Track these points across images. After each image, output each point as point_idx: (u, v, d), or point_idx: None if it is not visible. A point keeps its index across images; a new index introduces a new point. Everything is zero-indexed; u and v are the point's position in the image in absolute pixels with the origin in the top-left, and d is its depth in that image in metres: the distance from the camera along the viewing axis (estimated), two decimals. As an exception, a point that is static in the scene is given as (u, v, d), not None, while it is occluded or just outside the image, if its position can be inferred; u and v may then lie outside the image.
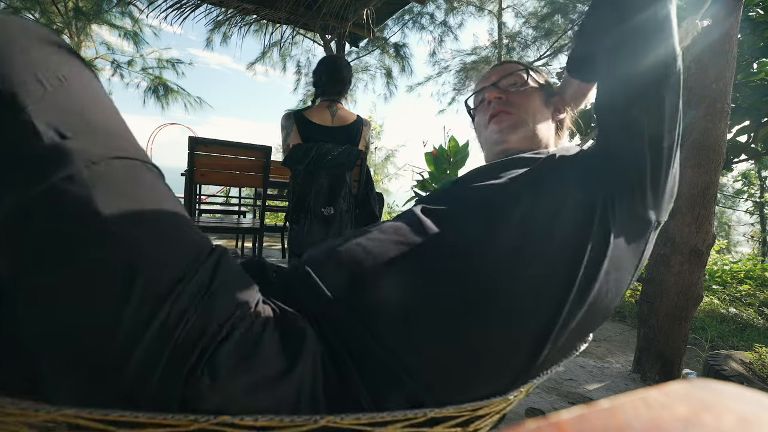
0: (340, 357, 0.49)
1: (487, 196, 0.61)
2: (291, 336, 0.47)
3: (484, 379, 0.54)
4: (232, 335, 0.43)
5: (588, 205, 0.57)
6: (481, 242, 0.55)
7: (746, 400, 0.12)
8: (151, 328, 0.39)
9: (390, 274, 0.53)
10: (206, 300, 0.43)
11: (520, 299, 0.53)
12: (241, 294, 0.47)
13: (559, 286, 0.54)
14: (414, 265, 0.54)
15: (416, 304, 0.51)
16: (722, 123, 1.75)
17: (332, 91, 1.97)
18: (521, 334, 0.54)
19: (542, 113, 0.78)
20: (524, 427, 0.13)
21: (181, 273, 0.42)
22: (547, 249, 0.54)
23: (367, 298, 0.52)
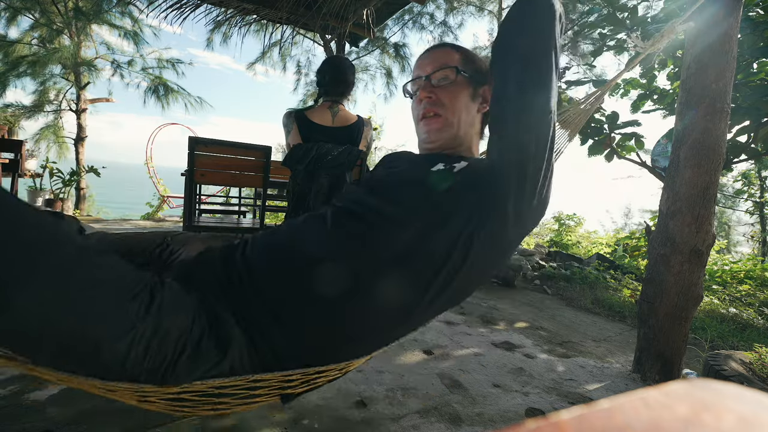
0: (256, 341, 0.68)
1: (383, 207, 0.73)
2: (221, 337, 0.65)
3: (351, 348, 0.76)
4: (183, 354, 0.61)
5: (462, 220, 0.69)
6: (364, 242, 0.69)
7: (746, 400, 0.12)
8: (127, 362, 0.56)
9: (295, 267, 0.69)
10: (158, 341, 0.58)
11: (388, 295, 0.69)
12: (182, 323, 0.62)
13: (418, 294, 0.69)
14: (309, 265, 0.68)
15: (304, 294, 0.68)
16: (722, 123, 1.75)
17: (335, 92, 1.96)
18: (380, 326, 0.74)
19: (469, 109, 0.86)
20: (524, 427, 0.13)
21: (129, 338, 0.55)
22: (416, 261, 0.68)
23: (278, 285, 0.69)
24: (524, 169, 0.68)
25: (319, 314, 0.68)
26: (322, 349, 0.73)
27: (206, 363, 0.64)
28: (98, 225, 5.22)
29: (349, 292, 0.67)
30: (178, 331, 0.61)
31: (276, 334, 0.68)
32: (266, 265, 0.71)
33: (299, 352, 0.71)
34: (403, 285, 0.68)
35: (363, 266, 0.68)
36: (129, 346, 0.55)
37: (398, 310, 0.71)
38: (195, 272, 0.73)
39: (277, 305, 0.68)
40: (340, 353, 0.75)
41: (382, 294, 0.68)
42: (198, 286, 0.69)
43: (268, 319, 0.68)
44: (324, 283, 0.67)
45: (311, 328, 0.69)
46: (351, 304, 0.68)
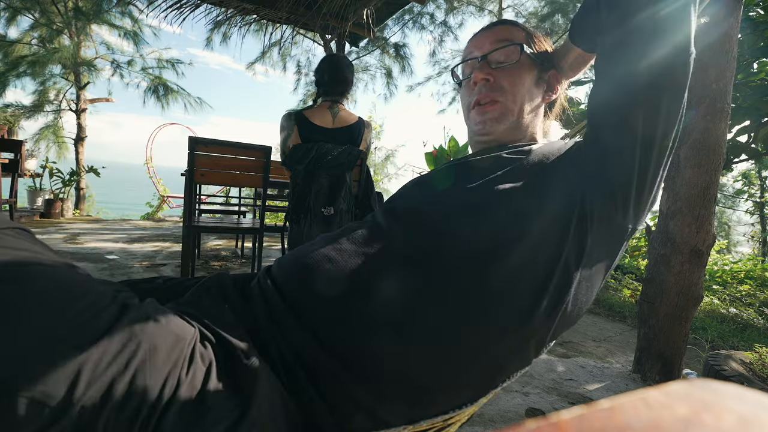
0: (297, 384, 0.46)
1: (465, 201, 0.59)
2: (239, 377, 0.42)
3: (446, 390, 0.53)
4: (173, 403, 0.37)
5: (566, 212, 0.55)
6: (455, 250, 0.53)
7: (746, 400, 0.12)
8: (63, 423, 0.32)
9: (355, 290, 0.51)
10: (128, 377, 0.35)
11: (489, 312, 0.52)
12: (171, 348, 0.39)
13: (531, 298, 0.53)
14: (380, 278, 0.52)
15: (380, 319, 0.49)
16: (722, 123, 1.75)
17: (334, 91, 1.96)
18: (487, 349, 0.53)
19: (532, 96, 0.71)
20: (524, 427, 0.13)
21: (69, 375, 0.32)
22: (522, 260, 0.52)
23: (331, 313, 0.50)
24: (652, 136, 0.53)
25: (392, 343, 0.49)
26: (402, 396, 0.51)
27: (215, 419, 0.39)
28: (98, 225, 5.22)
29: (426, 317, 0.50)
30: (165, 363, 0.38)
31: (331, 373, 0.47)
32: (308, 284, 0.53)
33: (368, 400, 0.48)
34: (501, 300, 0.52)
35: (442, 279, 0.52)
36: (71, 388, 0.32)
37: (500, 334, 0.53)
38: (193, 303, 0.54)
39: (331, 333, 0.49)
40: (441, 396, 0.54)
41: (474, 314, 0.51)
42: (199, 317, 0.49)
43: (318, 353, 0.48)
44: (395, 306, 0.50)
45: (384, 364, 0.49)
46: (435, 323, 0.50)
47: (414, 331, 0.49)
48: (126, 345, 0.36)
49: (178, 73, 8.20)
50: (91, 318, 0.36)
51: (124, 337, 0.37)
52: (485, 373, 0.56)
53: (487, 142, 0.72)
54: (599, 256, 0.58)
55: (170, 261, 3.35)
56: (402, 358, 0.49)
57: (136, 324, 0.38)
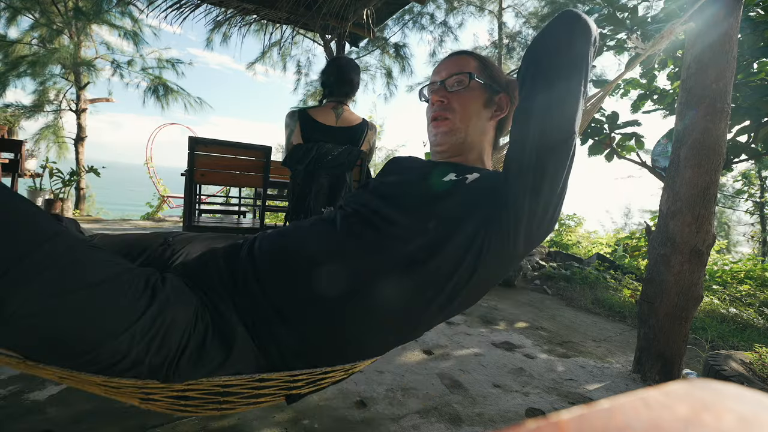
0: (260, 336, 0.68)
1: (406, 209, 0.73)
2: (226, 335, 0.66)
3: (355, 350, 0.77)
4: (186, 351, 0.61)
5: (469, 237, 0.69)
6: (372, 250, 0.69)
7: (746, 400, 0.12)
8: (128, 359, 0.57)
9: (300, 268, 0.69)
10: (160, 338, 0.58)
11: (397, 302, 0.69)
12: (184, 319, 0.62)
13: (421, 302, 0.70)
14: (316, 266, 0.69)
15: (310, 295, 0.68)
16: (722, 123, 1.75)
17: (339, 92, 1.96)
18: (382, 330, 0.73)
19: (480, 116, 0.86)
20: (524, 427, 0.13)
21: (129, 336, 0.55)
22: (433, 266, 0.68)
23: (288, 288, 0.69)
24: (539, 191, 0.65)
25: (322, 314, 0.68)
26: (327, 350, 0.73)
27: (210, 361, 0.64)
28: (98, 225, 5.22)
29: (351, 293, 0.67)
30: (181, 329, 0.60)
31: (281, 333, 0.68)
32: (272, 265, 0.71)
33: (305, 351, 0.71)
34: (406, 292, 0.69)
35: (366, 269, 0.68)
36: (130, 344, 0.55)
37: (400, 315, 0.71)
38: (198, 271, 0.73)
39: (283, 304, 0.68)
40: (344, 354, 0.76)
41: (383, 298, 0.68)
42: (201, 284, 0.69)
43: (273, 318, 0.68)
44: (327, 283, 0.67)
45: (315, 327, 0.69)
46: (352, 305, 0.68)
47: (351, 295, 0.68)
48: (157, 319, 0.58)
49: (178, 73, 8.21)
50: (135, 302, 0.57)
51: (156, 314, 0.58)
52: (390, 338, 0.77)
53: (441, 152, 0.88)
54: (489, 272, 0.72)
55: (170, 261, 3.35)
56: (329, 329, 0.69)
57: (163, 306, 0.59)
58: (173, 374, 0.61)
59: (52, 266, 0.50)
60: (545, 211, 0.67)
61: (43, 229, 0.51)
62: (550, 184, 0.65)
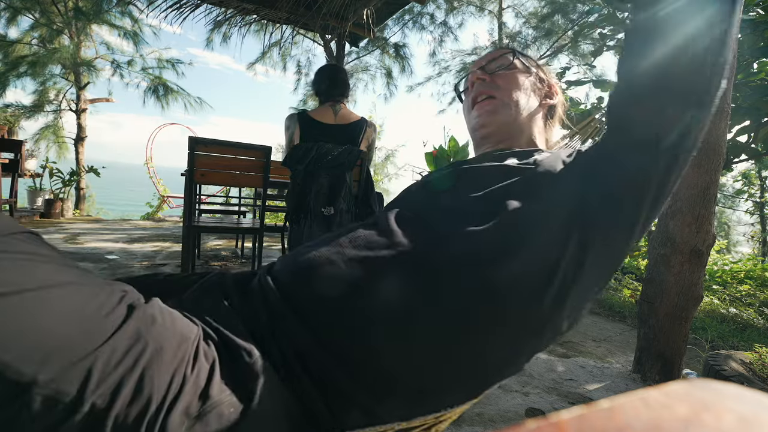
0: (297, 381, 0.47)
1: (466, 209, 0.58)
2: (241, 374, 0.44)
3: (441, 390, 0.54)
4: (179, 402, 0.38)
5: (568, 223, 0.53)
6: (455, 253, 0.53)
7: (746, 400, 0.12)
8: (75, 417, 0.33)
9: (354, 291, 0.51)
10: (135, 378, 0.36)
11: (487, 318, 0.52)
12: (177, 350, 0.41)
13: (526, 305, 0.52)
14: (381, 280, 0.51)
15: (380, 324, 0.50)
16: (722, 123, 1.75)
17: (335, 93, 2.00)
18: (483, 354, 0.53)
19: (528, 96, 0.74)
20: (524, 427, 0.13)
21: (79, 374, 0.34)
22: (520, 268, 0.51)
23: (330, 313, 0.50)
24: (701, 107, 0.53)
25: (388, 339, 0.49)
26: (397, 392, 0.51)
27: (220, 416, 0.40)
28: (98, 225, 5.22)
29: (430, 313, 0.50)
30: (172, 365, 0.39)
31: (328, 370, 0.47)
32: (309, 281, 0.53)
33: (364, 396, 0.49)
34: (499, 306, 0.52)
35: (441, 281, 0.51)
36: (83, 383, 0.33)
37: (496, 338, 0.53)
38: (194, 303, 0.54)
39: (327, 329, 0.50)
40: (423, 399, 0.54)
41: (473, 318, 0.51)
42: (201, 316, 0.50)
43: (314, 349, 0.48)
44: (393, 301, 0.50)
45: (380, 360, 0.49)
46: (428, 325, 0.50)
47: (411, 331, 0.50)
48: (133, 345, 0.37)
49: (178, 73, 8.21)
50: (101, 320, 0.37)
51: (132, 337, 0.38)
52: (480, 373, 0.56)
53: (486, 136, 0.74)
54: (599, 266, 0.56)
55: (170, 261, 3.35)
56: (398, 357, 0.50)
57: (143, 325, 0.40)
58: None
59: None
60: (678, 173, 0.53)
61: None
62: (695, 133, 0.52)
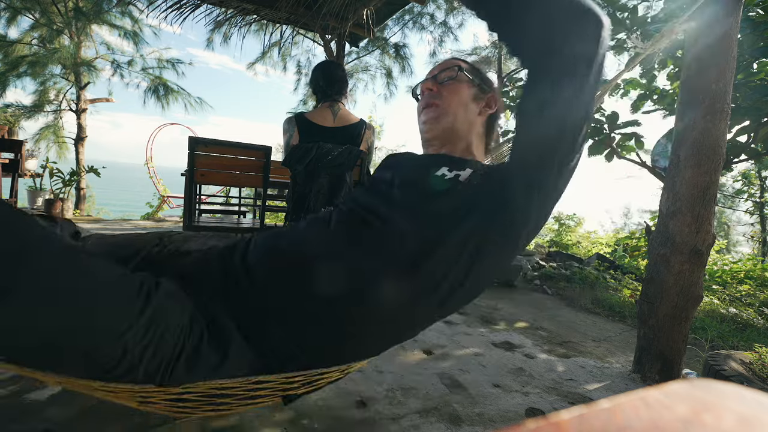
0: (255, 338, 0.68)
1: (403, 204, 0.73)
2: (221, 338, 0.66)
3: (351, 350, 0.77)
4: (181, 356, 0.61)
5: (466, 234, 0.67)
6: (368, 249, 0.68)
7: (746, 400, 0.12)
8: (123, 365, 0.56)
9: (296, 269, 0.69)
10: (155, 344, 0.57)
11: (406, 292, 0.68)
12: (179, 324, 0.61)
13: (432, 287, 0.68)
14: (312, 267, 0.68)
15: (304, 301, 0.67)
16: (722, 123, 1.75)
17: (332, 91, 1.98)
18: (380, 329, 0.73)
19: (468, 107, 0.86)
20: (524, 427, 0.13)
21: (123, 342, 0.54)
22: (437, 258, 0.66)
23: (285, 292, 0.68)
24: (557, 181, 0.65)
25: (319, 315, 0.68)
26: (322, 350, 0.73)
27: (206, 365, 0.64)
28: (98, 225, 5.22)
29: (347, 293, 0.67)
30: (175, 334, 0.60)
31: (277, 336, 0.68)
32: (267, 267, 0.70)
33: (300, 353, 0.71)
34: (402, 291, 0.68)
35: (362, 269, 0.67)
36: (124, 350, 0.55)
37: (396, 315, 0.71)
38: (191, 274, 0.73)
39: (278, 306, 0.68)
40: (341, 355, 0.76)
41: (379, 298, 0.67)
42: (195, 288, 0.69)
43: (268, 320, 0.68)
44: (324, 283, 0.66)
45: (311, 328, 0.69)
46: (348, 305, 0.67)
47: (347, 296, 0.67)
48: (151, 324, 0.57)
49: (178, 73, 8.22)
50: (129, 307, 0.56)
51: (151, 319, 0.57)
52: (387, 339, 0.78)
53: (429, 140, 0.88)
54: (487, 269, 0.72)
55: (170, 261, 3.35)
56: (322, 327, 0.69)
57: (157, 311, 0.59)
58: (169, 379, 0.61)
59: (43, 274, 0.49)
60: (554, 202, 0.68)
61: (32, 237, 0.51)
62: (568, 174, 0.65)
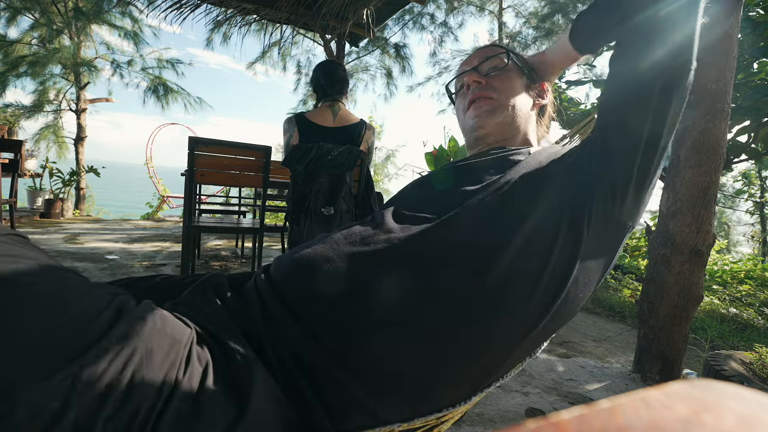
0: (295, 388, 0.46)
1: (465, 203, 0.59)
2: (236, 377, 0.43)
3: (443, 388, 0.54)
4: (170, 406, 0.37)
5: (560, 214, 0.56)
6: (452, 250, 0.54)
7: (746, 400, 0.12)
8: (62, 424, 0.32)
9: (353, 290, 0.51)
10: (126, 385, 0.35)
11: (486, 311, 0.52)
12: (168, 353, 0.40)
13: (525, 297, 0.53)
14: (378, 277, 0.52)
15: (378, 317, 0.50)
16: (722, 123, 1.75)
17: (333, 90, 1.99)
18: (484, 347, 0.54)
19: (523, 98, 0.76)
20: (524, 427, 0.13)
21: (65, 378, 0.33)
22: (517, 260, 0.53)
23: (329, 313, 0.50)
24: (660, 133, 0.55)
25: (390, 342, 0.49)
26: (398, 395, 0.51)
27: (212, 421, 0.39)
28: (98, 225, 5.22)
29: (417, 312, 0.50)
30: (163, 368, 0.38)
31: (327, 373, 0.47)
32: (304, 284, 0.53)
33: (365, 399, 0.49)
34: (484, 309, 0.52)
35: (435, 279, 0.52)
36: (68, 389, 0.32)
37: (486, 337, 0.53)
38: (189, 305, 0.53)
39: (328, 334, 0.49)
40: (437, 394, 0.54)
41: (459, 317, 0.51)
42: (195, 320, 0.49)
43: (316, 355, 0.48)
44: (388, 301, 0.50)
45: (380, 361, 0.49)
46: (421, 325, 0.50)
47: (412, 330, 0.50)
48: (122, 349, 0.37)
49: (178, 73, 8.21)
50: (86, 324, 0.36)
51: (120, 341, 0.37)
52: (481, 371, 0.56)
53: (483, 137, 0.76)
54: (596, 254, 0.59)
55: (170, 261, 3.35)
56: (400, 357, 0.50)
57: (132, 328, 0.39)
58: None
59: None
60: (660, 160, 0.57)
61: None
62: (672, 123, 0.55)
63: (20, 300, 0.35)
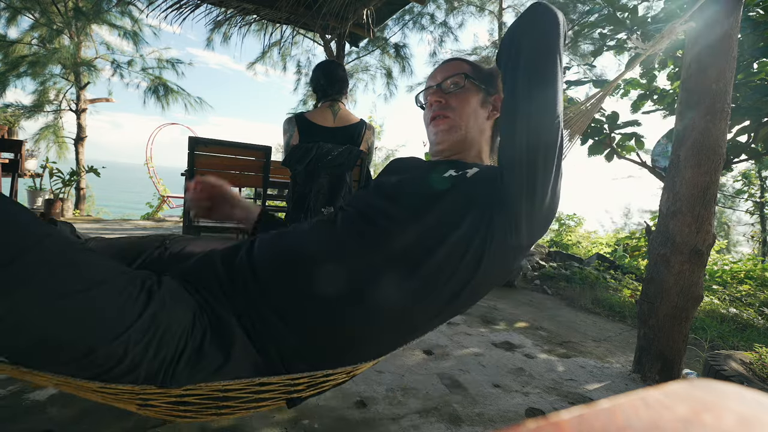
0: (259, 338, 0.67)
1: (409, 205, 0.74)
2: (224, 338, 0.65)
3: (356, 351, 0.76)
4: (183, 355, 0.60)
5: (470, 233, 0.69)
6: (373, 249, 0.69)
7: (746, 400, 0.12)
8: (124, 364, 0.55)
9: (301, 268, 0.69)
10: (157, 342, 0.57)
11: (408, 294, 0.68)
12: (181, 323, 0.61)
13: (437, 287, 0.69)
14: (315, 266, 0.68)
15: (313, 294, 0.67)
16: (722, 123, 1.75)
17: (333, 90, 1.98)
18: (384, 330, 0.73)
19: (477, 114, 0.89)
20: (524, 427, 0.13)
21: (125, 340, 0.54)
22: (439, 257, 0.68)
23: (288, 295, 0.68)
24: (534, 185, 0.67)
25: (322, 314, 0.67)
26: (327, 351, 0.72)
27: (209, 365, 0.63)
28: (98, 225, 5.22)
29: (351, 292, 0.67)
30: (178, 332, 0.60)
31: (281, 334, 0.67)
32: (271, 266, 0.70)
33: (306, 353, 0.70)
34: (407, 291, 0.68)
35: (367, 268, 0.67)
36: (125, 348, 0.54)
37: (400, 315, 0.71)
38: (195, 273, 0.72)
39: (282, 306, 0.67)
40: (345, 356, 0.75)
41: (384, 298, 0.67)
42: (198, 287, 0.69)
43: (273, 319, 0.67)
44: (328, 282, 0.67)
45: (316, 327, 0.68)
46: (352, 304, 0.67)
47: (349, 299, 0.67)
48: (153, 322, 0.57)
49: (178, 73, 8.20)
50: (131, 305, 0.56)
51: (153, 317, 0.57)
52: (392, 338, 0.77)
53: (441, 151, 0.90)
54: (492, 268, 0.73)
55: (170, 261, 3.35)
56: (332, 333, 0.69)
57: (159, 309, 0.59)
58: (171, 379, 0.60)
59: (43, 269, 0.49)
60: (542, 201, 0.69)
61: (33, 232, 0.50)
62: (543, 175, 0.68)
63: (95, 297, 0.53)
